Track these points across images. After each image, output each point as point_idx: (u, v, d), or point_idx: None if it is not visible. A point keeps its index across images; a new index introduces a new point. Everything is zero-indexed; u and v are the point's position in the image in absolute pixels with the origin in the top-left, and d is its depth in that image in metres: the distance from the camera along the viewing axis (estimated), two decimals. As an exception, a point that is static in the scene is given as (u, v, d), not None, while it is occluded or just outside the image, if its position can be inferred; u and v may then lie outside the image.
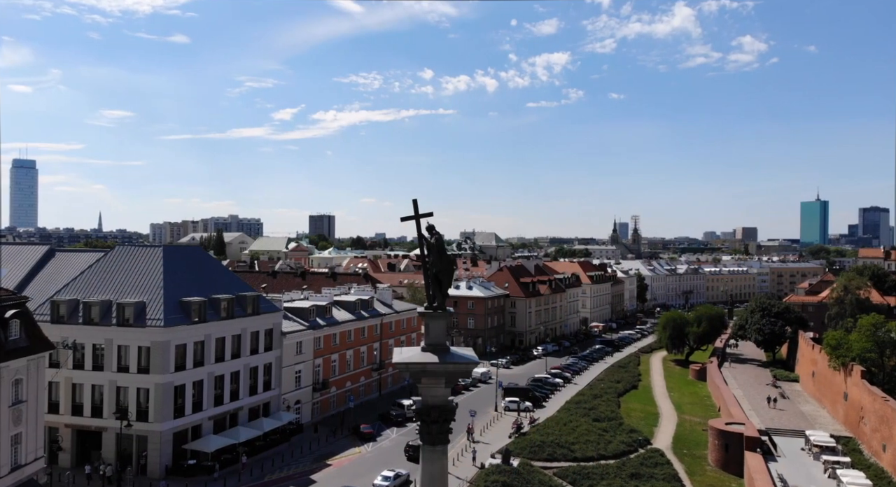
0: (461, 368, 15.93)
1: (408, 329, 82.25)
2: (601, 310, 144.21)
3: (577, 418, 63.60)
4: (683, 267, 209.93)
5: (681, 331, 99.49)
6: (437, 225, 16.56)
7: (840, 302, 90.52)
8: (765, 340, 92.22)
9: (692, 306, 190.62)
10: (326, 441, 57.77)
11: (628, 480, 49.40)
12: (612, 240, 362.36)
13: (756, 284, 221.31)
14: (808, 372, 77.23)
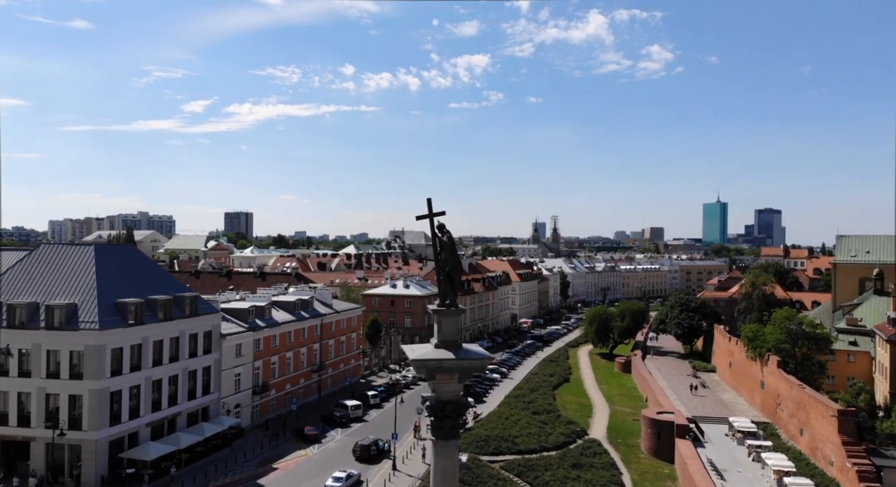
0: (476, 364, 16.39)
1: (348, 329, 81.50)
2: (529, 307, 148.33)
3: (518, 412, 65.51)
4: (601, 265, 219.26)
5: (606, 326, 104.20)
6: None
7: (748, 298, 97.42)
8: (683, 333, 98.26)
9: (610, 302, 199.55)
10: (270, 445, 56.48)
11: (570, 470, 51.50)
12: (533, 240, 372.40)
13: (667, 281, 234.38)
14: (725, 362, 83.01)
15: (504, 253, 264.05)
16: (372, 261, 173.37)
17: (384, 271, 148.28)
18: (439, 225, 16.94)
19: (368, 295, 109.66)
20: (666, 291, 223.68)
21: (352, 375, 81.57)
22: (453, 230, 17.43)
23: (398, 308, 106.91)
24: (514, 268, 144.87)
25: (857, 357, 73.10)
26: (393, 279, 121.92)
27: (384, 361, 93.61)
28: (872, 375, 70.79)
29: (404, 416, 60.47)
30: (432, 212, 16.79)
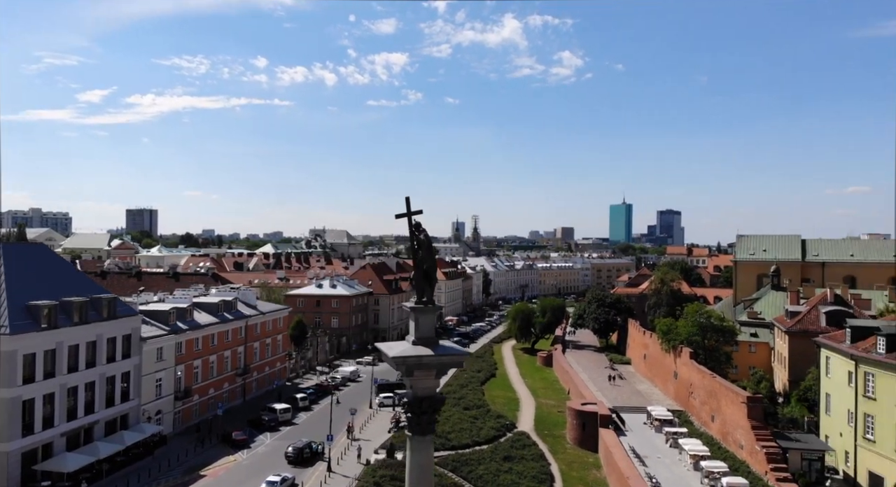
0: (454, 359, 16.82)
1: (274, 330, 79.54)
2: (454, 305, 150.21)
3: (449, 408, 66.27)
4: (520, 263, 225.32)
5: (528, 322, 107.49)
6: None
7: (658, 294, 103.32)
8: (600, 328, 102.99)
9: (529, 298, 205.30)
10: (195, 452, 54.38)
11: (502, 463, 53.01)
12: (454, 239, 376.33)
13: (580, 278, 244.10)
14: (640, 355, 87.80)
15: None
16: (292, 261, 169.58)
17: (306, 271, 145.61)
18: (416, 223, 17.23)
19: (292, 295, 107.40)
20: (579, 288, 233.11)
21: (278, 378, 79.72)
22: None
23: (325, 308, 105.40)
24: (440, 267, 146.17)
25: (758, 347, 79.52)
26: (317, 279, 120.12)
27: (310, 363, 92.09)
28: (771, 364, 77.26)
29: (336, 417, 59.89)
30: (411, 211, 17.08)
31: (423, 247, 17.32)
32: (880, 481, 44.22)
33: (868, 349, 45.84)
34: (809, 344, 64.61)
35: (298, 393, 72.39)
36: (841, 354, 49.12)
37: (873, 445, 44.88)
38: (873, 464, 44.94)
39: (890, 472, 43.25)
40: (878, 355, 44.43)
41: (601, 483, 51.85)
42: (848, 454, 47.94)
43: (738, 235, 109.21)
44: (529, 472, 51.60)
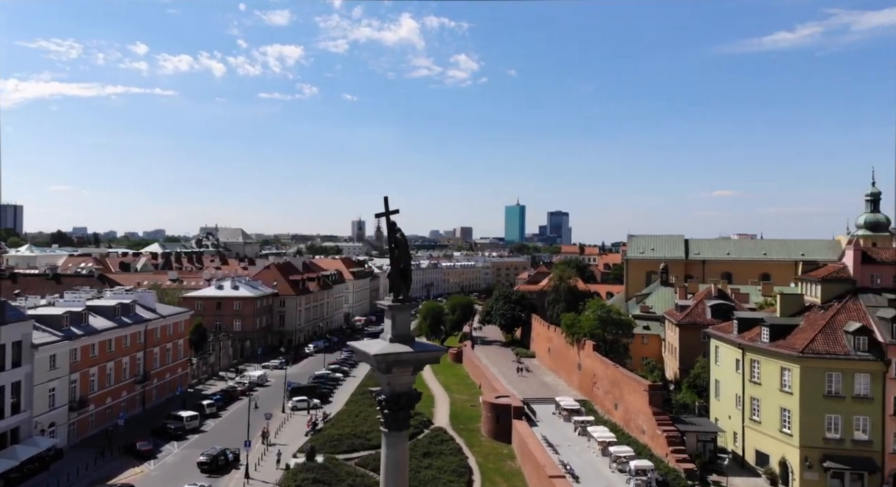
0: (431, 355, 17.30)
1: (174, 335, 75.50)
2: (362, 305, 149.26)
3: (367, 408, 66.27)
4: (425, 262, 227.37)
5: (438, 320, 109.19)
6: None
7: (557, 290, 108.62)
8: (506, 324, 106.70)
9: (434, 297, 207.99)
10: (96, 465, 50.76)
11: (422, 459, 53.83)
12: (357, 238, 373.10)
13: (481, 276, 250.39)
14: (545, 348, 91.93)
15: (329, 252, 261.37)
16: (183, 261, 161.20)
17: (200, 271, 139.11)
18: (391, 223, 17.53)
19: (190, 297, 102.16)
20: (481, 286, 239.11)
21: (180, 385, 75.80)
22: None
23: (226, 311, 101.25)
24: (348, 267, 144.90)
25: (650, 339, 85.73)
26: (214, 280, 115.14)
27: (213, 368, 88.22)
28: (662, 354, 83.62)
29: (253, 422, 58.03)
30: (388, 210, 17.39)
31: (399, 246, 17.66)
32: (766, 458, 49.55)
33: (753, 338, 51.15)
34: (697, 334, 70.85)
35: (204, 399, 69.33)
36: (729, 343, 54.37)
37: (759, 425, 50.15)
38: (759, 443, 50.24)
39: (774, 449, 48.59)
40: (763, 344, 49.72)
41: (516, 473, 54.00)
42: (736, 434, 53.18)
43: (629, 235, 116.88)
44: (448, 466, 52.73)
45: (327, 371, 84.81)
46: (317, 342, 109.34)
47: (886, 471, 44.95)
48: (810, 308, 51.27)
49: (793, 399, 46.92)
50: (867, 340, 45.68)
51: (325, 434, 57.15)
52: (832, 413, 45.90)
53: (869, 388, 45.34)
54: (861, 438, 45.38)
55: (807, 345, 46.66)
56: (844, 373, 45.77)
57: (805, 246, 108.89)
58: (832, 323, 47.88)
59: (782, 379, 47.91)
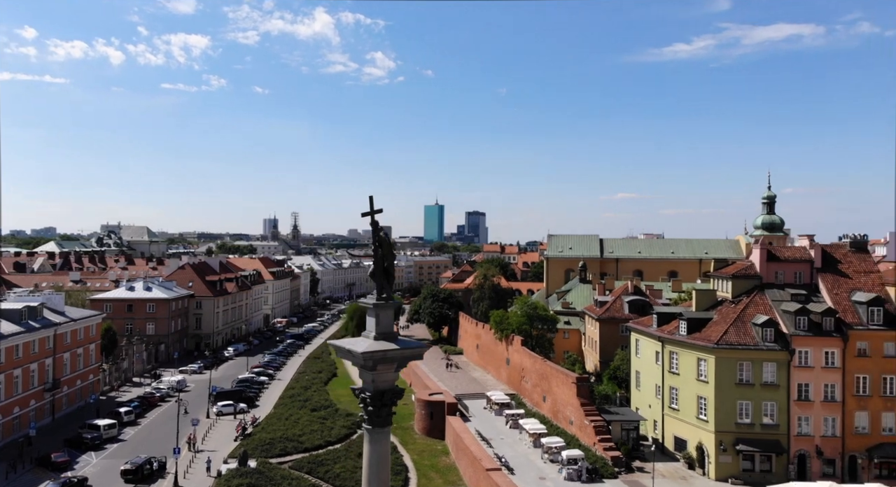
0: (415, 352, 17.58)
1: (86, 339, 70.84)
2: (282, 306, 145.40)
3: (296, 411, 65.21)
4: (348, 261, 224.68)
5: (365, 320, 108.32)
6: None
7: (481, 288, 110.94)
8: (434, 322, 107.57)
9: (356, 297, 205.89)
10: (7, 479, 46.98)
11: (358, 460, 53.55)
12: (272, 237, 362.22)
13: (404, 276, 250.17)
14: (473, 345, 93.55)
15: (243, 251, 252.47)
16: (84, 261, 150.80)
17: (105, 272, 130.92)
18: (375, 222, 17.68)
19: (98, 299, 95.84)
20: (403, 285, 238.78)
21: (92, 392, 71.19)
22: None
23: (138, 313, 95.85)
24: (267, 267, 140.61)
25: (571, 334, 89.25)
26: (124, 281, 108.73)
27: (126, 374, 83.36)
28: (582, 348, 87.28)
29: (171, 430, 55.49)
30: (373, 210, 17.58)
31: (383, 245, 17.85)
32: (684, 443, 53.00)
33: (672, 331, 54.58)
34: (616, 328, 74.65)
35: (120, 407, 65.56)
36: (649, 337, 57.68)
37: (678, 413, 53.58)
38: (678, 429, 53.67)
39: (692, 435, 52.07)
40: (681, 336, 53.17)
41: (451, 468, 54.80)
42: (656, 422, 56.53)
43: (549, 235, 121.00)
44: (385, 466, 52.79)
45: (251, 374, 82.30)
46: (237, 345, 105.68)
47: (791, 452, 49.34)
48: (722, 302, 55.33)
49: (708, 387, 50.52)
50: (773, 332, 49.94)
51: (255, 438, 55.60)
52: (743, 400, 49.84)
53: (775, 376, 49.58)
54: (769, 422, 49.56)
55: (721, 337, 50.40)
56: (754, 363, 49.82)
57: (708, 245, 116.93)
58: (742, 317, 51.95)
59: (699, 368, 51.47)
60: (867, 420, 48.75)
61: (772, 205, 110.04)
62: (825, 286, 53.35)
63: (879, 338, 48.84)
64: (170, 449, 51.48)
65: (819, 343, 49.46)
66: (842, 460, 48.93)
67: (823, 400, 49.19)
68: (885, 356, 48.69)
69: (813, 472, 48.74)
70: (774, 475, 48.08)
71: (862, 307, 50.14)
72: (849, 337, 49.12)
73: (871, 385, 48.80)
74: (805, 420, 49.36)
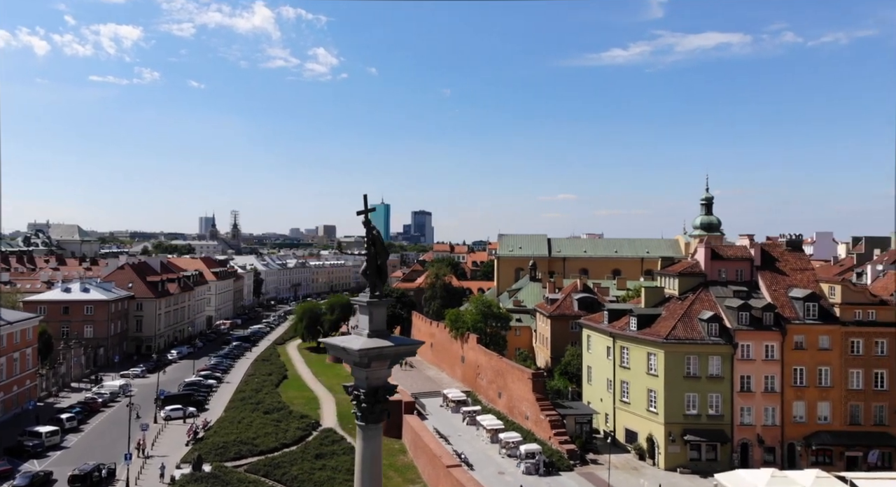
0: (410, 348, 17.85)
1: (22, 343, 67.16)
2: (225, 307, 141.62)
3: (249, 414, 63.94)
4: (293, 261, 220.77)
5: (316, 320, 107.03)
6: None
7: (433, 287, 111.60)
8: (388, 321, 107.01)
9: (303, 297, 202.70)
10: (-63, 496, 44.08)
11: (315, 461, 53.07)
12: (210, 236, 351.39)
13: (351, 276, 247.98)
14: (427, 343, 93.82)
15: (181, 251, 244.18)
16: (11, 261, 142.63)
17: (35, 273, 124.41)
18: (367, 220, 17.79)
19: (32, 301, 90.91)
20: (351, 285, 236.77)
21: (29, 398, 67.58)
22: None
23: (75, 316, 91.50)
24: (209, 267, 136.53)
25: (522, 331, 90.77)
26: (58, 282, 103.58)
27: (63, 379, 79.42)
28: (533, 345, 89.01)
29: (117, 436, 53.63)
30: (367, 208, 17.70)
31: (377, 243, 18.00)
32: (635, 435, 54.96)
33: (623, 327, 56.50)
34: (567, 325, 76.51)
35: (61, 413, 62.53)
36: (601, 332, 59.50)
37: (629, 406, 55.52)
38: (629, 422, 55.61)
39: (642, 427, 54.05)
40: (632, 332, 55.12)
41: (409, 467, 55.01)
42: (608, 415, 58.38)
43: (500, 235, 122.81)
44: (343, 466, 52.40)
45: (198, 377, 79.97)
46: (180, 348, 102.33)
47: (735, 441, 51.96)
48: (670, 299, 57.68)
49: (658, 380, 52.61)
50: (718, 327, 52.48)
51: (208, 442, 54.21)
52: (691, 392, 52.15)
53: (720, 369, 52.12)
54: (714, 413, 52.02)
55: (669, 332, 52.57)
56: (700, 356, 52.22)
57: (649, 244, 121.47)
58: (689, 313, 54.34)
59: (649, 363, 53.52)
60: (804, 409, 51.89)
61: (709, 206, 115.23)
62: (764, 283, 56.41)
63: (815, 332, 52.06)
64: (117, 456, 49.65)
65: (760, 337, 52.29)
66: (781, 448, 51.89)
67: (764, 391, 52.03)
68: (820, 348, 51.95)
69: (755, 460, 51.47)
70: (719, 463, 50.48)
71: (798, 302, 53.33)
72: (787, 331, 52.15)
73: (807, 376, 51.97)
74: (747, 411, 52.09)
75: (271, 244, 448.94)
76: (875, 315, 51.69)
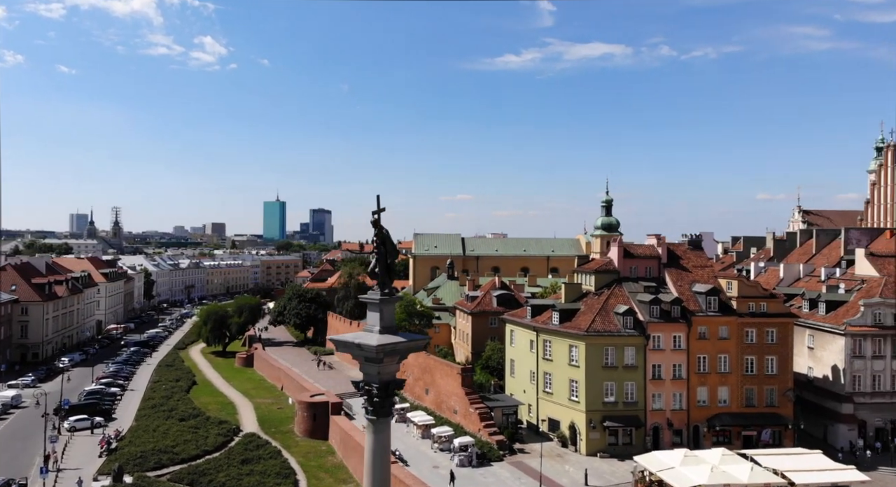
0: (420, 343, 18.33)
1: None
2: (116, 311, 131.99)
3: (163, 422, 60.79)
4: (186, 261, 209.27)
5: (222, 323, 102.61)
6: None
7: (346, 287, 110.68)
8: (302, 323, 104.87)
9: (197, 299, 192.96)
10: None
11: (241, 466, 51.50)
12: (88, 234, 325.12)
13: (249, 276, 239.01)
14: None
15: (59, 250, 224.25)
16: None
17: None
18: (374, 220, 18.11)
19: None
20: (249, 286, 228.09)
21: None
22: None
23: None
24: (97, 267, 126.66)
25: (441, 328, 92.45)
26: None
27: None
28: (451, 341, 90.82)
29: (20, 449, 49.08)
30: (380, 208, 18.09)
31: (387, 242, 18.35)
32: (557, 423, 57.84)
33: (546, 321, 59.29)
34: (486, 321, 78.94)
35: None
36: (525, 327, 62.03)
37: (551, 396, 58.34)
38: (551, 411, 58.43)
39: (564, 416, 57.00)
40: (554, 326, 57.99)
41: (340, 467, 54.63)
42: (531, 406, 60.98)
43: (415, 234, 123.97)
44: (271, 470, 51.27)
45: (99, 385, 74.48)
46: (71, 355, 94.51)
47: (648, 425, 56.12)
48: (587, 294, 61.23)
49: (579, 371, 55.78)
50: (632, 320, 56.45)
51: (124, 452, 50.96)
52: (609, 381, 55.72)
53: (635, 358, 56.08)
54: (629, 400, 55.91)
55: (589, 325, 55.90)
56: (617, 347, 55.92)
57: (554, 244, 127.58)
58: (605, 307, 58.02)
59: (570, 354, 56.58)
60: (707, 394, 57.00)
61: (609, 208, 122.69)
62: (671, 279, 61.33)
63: (715, 323, 57.34)
64: (24, 470, 45.51)
65: (669, 328, 56.82)
66: (687, 430, 56.69)
67: (672, 379, 56.60)
68: (720, 338, 57.28)
69: (665, 442, 55.85)
70: (635, 446, 54.41)
71: (701, 296, 58.51)
72: (692, 323, 57.06)
73: (709, 363, 57.13)
74: (658, 397, 56.43)
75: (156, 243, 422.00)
76: (766, 307, 57.82)
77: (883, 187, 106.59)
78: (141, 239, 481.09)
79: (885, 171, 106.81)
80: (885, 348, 57.36)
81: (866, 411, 57.38)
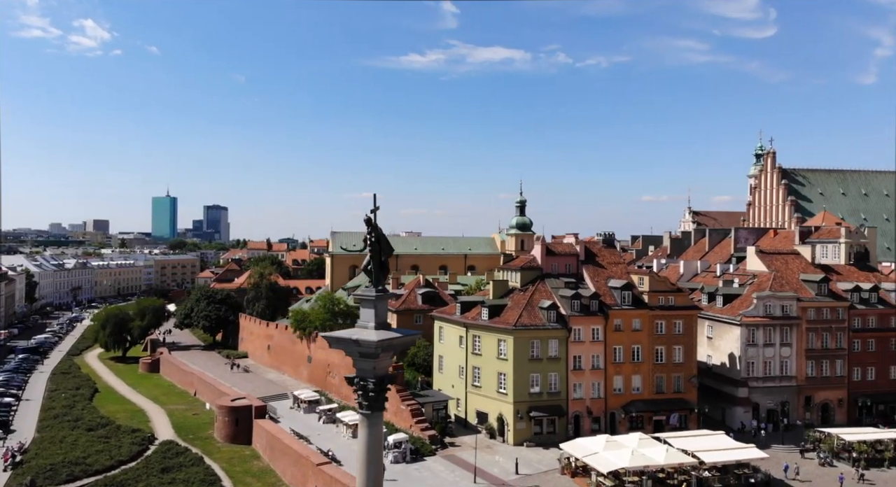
0: (413, 339, 18.75)
1: None
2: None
3: (69, 432, 56.80)
4: (72, 262, 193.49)
5: (123, 327, 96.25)
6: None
7: (257, 287, 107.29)
8: (211, 325, 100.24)
9: (86, 302, 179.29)
10: None
11: (162, 475, 49.26)
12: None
13: (142, 277, 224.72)
14: (262, 346, 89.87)
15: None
16: None
17: None
18: (368, 218, 18.31)
19: None
20: (142, 287, 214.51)
21: None
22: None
23: None
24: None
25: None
26: None
27: None
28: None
29: None
30: (376, 206, 18.33)
31: (381, 240, 18.60)
32: (485, 416, 59.43)
33: (475, 317, 60.78)
34: (412, 318, 79.41)
35: None
36: (454, 323, 63.21)
37: (480, 390, 59.88)
38: (480, 404, 59.96)
39: (492, 408, 58.69)
40: (483, 321, 59.58)
41: (267, 471, 53.38)
42: (459, 400, 62.22)
43: (332, 232, 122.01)
44: (195, 477, 49.40)
45: (-13, 397, 67.83)
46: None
47: (570, 414, 58.98)
48: (513, 290, 63.38)
49: (507, 364, 57.69)
50: (556, 314, 59.12)
51: (31, 466, 47.14)
52: (534, 373, 58.02)
53: (558, 351, 58.76)
54: (553, 390, 58.52)
55: (517, 320, 57.96)
56: (542, 340, 58.34)
57: (470, 242, 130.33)
58: (531, 302, 60.36)
59: (499, 348, 58.40)
60: (622, 382, 60.70)
61: (523, 208, 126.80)
62: (588, 275, 64.75)
63: (629, 316, 61.20)
64: None
65: (588, 321, 59.99)
66: (605, 417, 60.14)
67: (591, 369, 59.81)
68: (634, 330, 61.19)
69: (585, 429, 58.91)
70: (558, 435, 57.02)
71: (617, 291, 62.26)
72: (609, 316, 60.58)
73: (623, 353, 60.84)
74: (579, 386, 59.46)
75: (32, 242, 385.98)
76: (674, 300, 62.51)
77: (763, 190, 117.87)
78: (14, 236, 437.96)
79: (764, 176, 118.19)
80: (775, 336, 63.76)
81: (759, 394, 63.48)
